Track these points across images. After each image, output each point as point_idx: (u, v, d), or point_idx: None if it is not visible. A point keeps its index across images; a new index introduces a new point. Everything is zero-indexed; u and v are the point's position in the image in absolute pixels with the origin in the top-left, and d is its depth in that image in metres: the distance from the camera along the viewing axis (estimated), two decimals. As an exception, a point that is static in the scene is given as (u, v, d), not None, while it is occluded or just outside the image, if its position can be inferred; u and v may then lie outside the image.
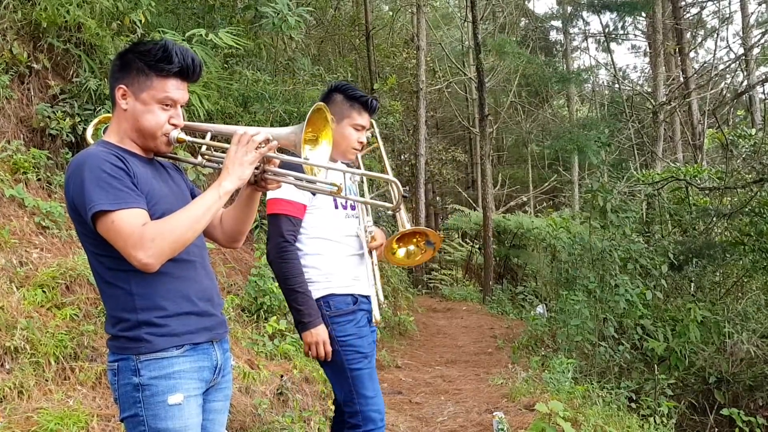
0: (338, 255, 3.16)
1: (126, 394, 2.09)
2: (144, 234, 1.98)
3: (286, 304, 3.16)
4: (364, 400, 3.09)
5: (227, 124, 2.32)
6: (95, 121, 2.61)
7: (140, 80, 2.17)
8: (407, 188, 2.41)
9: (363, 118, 3.27)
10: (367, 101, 3.27)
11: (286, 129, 2.21)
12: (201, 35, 6.98)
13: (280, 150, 2.26)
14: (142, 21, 6.62)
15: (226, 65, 8.50)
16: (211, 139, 2.28)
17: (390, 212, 2.63)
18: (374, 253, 3.38)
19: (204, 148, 2.28)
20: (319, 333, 3.02)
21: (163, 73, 2.17)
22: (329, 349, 3.03)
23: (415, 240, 3.49)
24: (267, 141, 2.15)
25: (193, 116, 6.65)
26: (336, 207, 3.20)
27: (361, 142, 3.30)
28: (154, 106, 2.17)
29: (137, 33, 6.71)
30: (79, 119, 5.98)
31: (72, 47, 6.26)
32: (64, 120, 5.89)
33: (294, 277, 3.02)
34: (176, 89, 2.21)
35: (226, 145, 2.20)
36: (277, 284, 3.96)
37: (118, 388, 2.11)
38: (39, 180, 5.63)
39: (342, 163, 3.36)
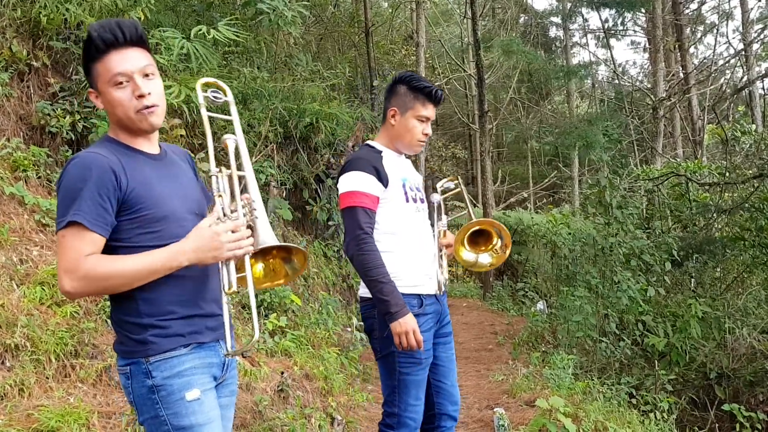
0: (408, 252, 3.11)
1: (142, 397, 2.07)
2: (80, 265, 1.94)
3: (373, 295, 3.04)
4: (404, 405, 3.09)
5: (227, 123, 2.19)
6: None
7: (91, 76, 2.12)
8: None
9: (427, 110, 3.21)
10: (431, 92, 3.20)
11: (268, 236, 2.15)
12: (203, 32, 6.97)
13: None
14: (142, 18, 6.61)
15: (225, 62, 8.50)
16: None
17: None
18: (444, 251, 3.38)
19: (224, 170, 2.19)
20: (408, 322, 2.93)
21: (96, 56, 2.07)
22: (420, 337, 2.96)
23: (485, 245, 3.50)
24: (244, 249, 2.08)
25: (193, 112, 6.65)
26: (407, 200, 3.16)
27: (426, 134, 3.24)
28: (110, 91, 2.07)
29: (136, 31, 6.70)
30: (78, 117, 5.98)
31: (71, 45, 6.26)
32: (64, 118, 5.89)
33: (376, 268, 2.95)
34: (118, 61, 2.06)
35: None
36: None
37: (133, 392, 2.08)
38: (39, 178, 5.63)
39: (405, 157, 3.35)
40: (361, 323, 3.42)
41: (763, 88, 18.10)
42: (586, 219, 12.48)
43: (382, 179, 3.03)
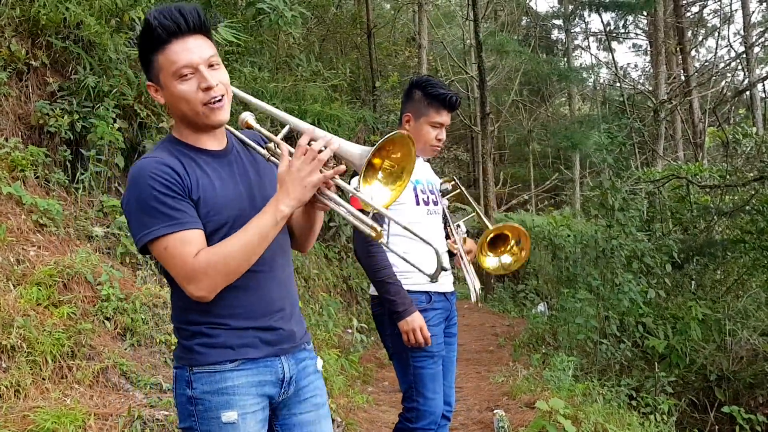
0: (420, 253, 3.10)
1: (181, 405, 1.99)
2: (195, 267, 1.84)
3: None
4: (423, 399, 3.13)
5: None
6: None
7: (150, 68, 1.96)
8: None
9: (441, 116, 3.21)
10: (445, 98, 3.19)
11: (357, 148, 1.92)
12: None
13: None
14: (141, 18, 6.60)
15: (226, 62, 8.47)
16: (286, 135, 2.02)
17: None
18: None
19: (272, 144, 2.03)
20: (415, 320, 3.01)
21: (157, 47, 1.91)
22: (427, 333, 3.02)
23: (503, 246, 3.51)
24: (334, 162, 1.88)
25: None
26: (418, 203, 3.18)
27: (440, 139, 3.24)
28: (174, 84, 1.91)
29: (136, 30, 6.69)
30: (77, 116, 5.96)
31: (71, 44, 6.24)
32: (63, 117, 5.86)
33: (382, 270, 3.01)
34: (182, 52, 1.90)
35: (291, 149, 1.94)
36: None
37: (176, 397, 2.01)
38: (37, 177, 5.61)
39: (424, 160, 3.34)
40: (362, 325, 3.44)
41: (764, 91, 18.13)
42: (587, 221, 12.47)
43: None
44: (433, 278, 2.04)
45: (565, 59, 24.78)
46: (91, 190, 5.90)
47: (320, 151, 1.85)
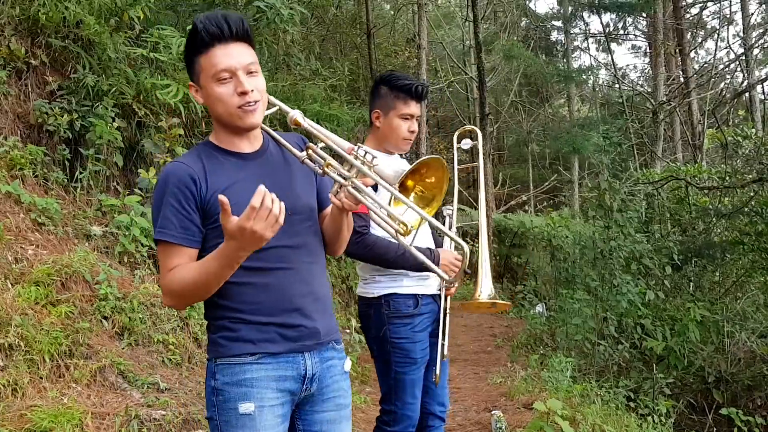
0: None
1: (208, 396, 2.07)
2: (166, 281, 1.98)
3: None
4: (401, 403, 3.12)
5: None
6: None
7: (193, 70, 2.08)
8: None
9: (410, 107, 3.17)
10: (411, 88, 3.15)
11: (390, 170, 1.99)
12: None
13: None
14: (141, 17, 6.60)
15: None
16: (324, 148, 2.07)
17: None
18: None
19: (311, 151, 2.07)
20: (445, 256, 3.06)
21: (201, 50, 2.02)
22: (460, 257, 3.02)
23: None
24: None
25: (191, 111, 6.64)
26: None
27: (413, 131, 3.20)
28: (213, 86, 2.02)
29: (135, 29, 6.69)
30: (76, 115, 5.96)
31: (70, 43, 6.24)
32: (62, 116, 5.87)
33: (387, 252, 2.97)
34: (223, 56, 2.00)
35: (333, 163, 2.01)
36: None
37: (206, 388, 2.09)
38: (36, 176, 5.61)
39: (401, 156, 3.32)
40: (360, 325, 3.41)
41: (763, 93, 18.10)
42: (585, 222, 12.46)
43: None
44: (449, 283, 2.05)
45: (565, 60, 24.78)
46: (89, 189, 5.90)
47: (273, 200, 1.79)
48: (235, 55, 2.01)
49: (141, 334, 4.85)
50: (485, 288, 3.30)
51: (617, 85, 22.39)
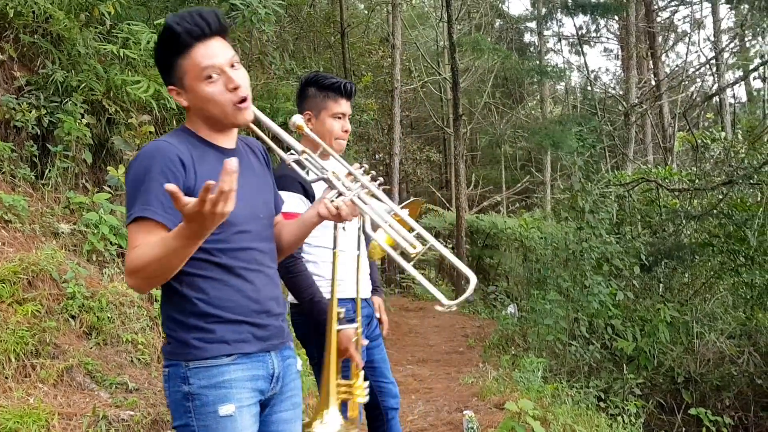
0: (342, 261, 2.95)
1: (176, 403, 1.98)
2: (130, 257, 1.82)
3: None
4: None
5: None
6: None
7: (172, 72, 1.98)
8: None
9: (340, 106, 3.12)
10: (340, 86, 3.12)
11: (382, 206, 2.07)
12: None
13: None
14: (111, 12, 6.51)
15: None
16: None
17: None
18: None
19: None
20: (347, 334, 2.91)
21: (180, 50, 1.94)
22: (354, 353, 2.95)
23: None
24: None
25: (162, 109, 6.57)
26: None
27: (346, 130, 3.15)
28: (201, 87, 1.95)
29: (106, 25, 6.61)
30: (45, 111, 5.87)
31: (39, 38, 6.15)
32: (30, 112, 5.77)
33: (306, 289, 2.91)
34: (206, 55, 1.94)
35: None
36: None
37: (169, 395, 1.99)
38: (3, 173, 5.52)
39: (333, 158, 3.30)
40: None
41: (732, 96, 18.37)
42: (558, 223, 12.55)
43: (309, 194, 2.94)
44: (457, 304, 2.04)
45: (538, 62, 24.93)
46: (57, 186, 5.81)
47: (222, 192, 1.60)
48: (218, 53, 1.96)
49: (109, 334, 4.78)
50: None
51: (590, 87, 22.59)
